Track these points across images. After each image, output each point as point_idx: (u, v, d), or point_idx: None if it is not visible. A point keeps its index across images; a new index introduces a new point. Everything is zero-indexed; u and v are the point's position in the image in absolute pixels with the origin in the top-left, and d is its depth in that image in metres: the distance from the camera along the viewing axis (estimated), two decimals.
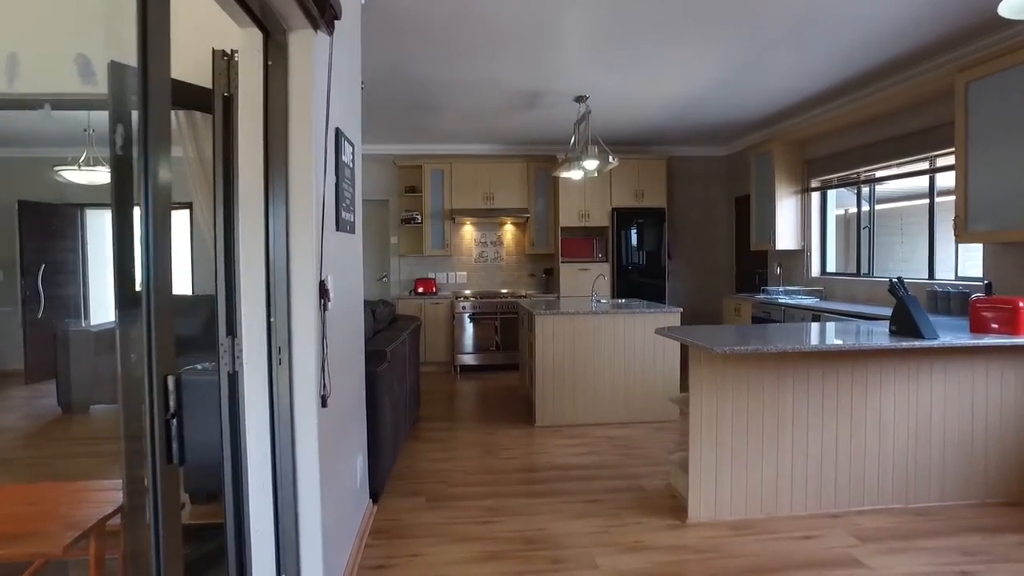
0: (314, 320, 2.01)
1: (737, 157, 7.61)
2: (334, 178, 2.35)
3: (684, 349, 6.82)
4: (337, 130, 2.38)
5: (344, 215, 2.49)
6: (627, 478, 3.61)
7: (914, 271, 4.98)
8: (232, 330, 1.96)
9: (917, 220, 5.04)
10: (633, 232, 7.17)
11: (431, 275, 7.56)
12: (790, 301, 5.50)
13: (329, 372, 2.12)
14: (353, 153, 2.70)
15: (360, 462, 2.88)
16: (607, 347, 4.74)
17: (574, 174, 5.41)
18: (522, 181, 7.29)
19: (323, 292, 2.09)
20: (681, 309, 4.84)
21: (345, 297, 2.54)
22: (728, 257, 7.86)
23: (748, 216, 7.01)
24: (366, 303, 4.43)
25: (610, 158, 4.92)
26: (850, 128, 5.41)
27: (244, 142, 1.94)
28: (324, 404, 2.08)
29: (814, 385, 2.99)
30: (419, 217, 7.29)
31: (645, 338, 4.77)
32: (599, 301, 5.61)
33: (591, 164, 5.03)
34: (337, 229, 2.38)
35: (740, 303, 6.29)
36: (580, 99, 5.27)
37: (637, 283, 7.18)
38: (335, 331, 2.30)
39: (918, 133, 4.68)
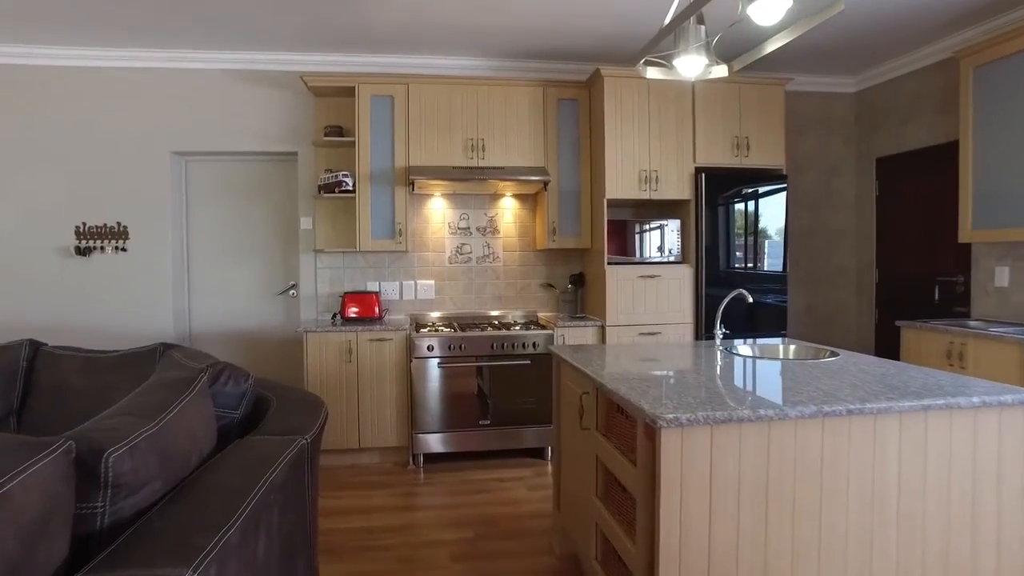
0: None
1: (873, 95, 4.65)
2: None
3: None
4: None
5: None
6: None
7: None
8: None
9: None
10: (732, 210, 4.10)
11: (371, 286, 4.34)
12: None
13: None
14: None
15: None
16: (878, 510, 1.65)
17: (686, 64, 2.31)
18: (535, 120, 4.14)
19: None
20: None
21: None
22: (862, 256, 4.90)
23: (898, 187, 4.09)
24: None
25: None
26: None
27: None
28: None
29: None
30: (350, 182, 4.07)
31: (978, 478, 1.70)
32: (735, 348, 2.53)
33: (765, 9, 1.92)
34: None
35: (967, 343, 3.26)
36: None
37: (738, 301, 4.09)
38: None
39: None
